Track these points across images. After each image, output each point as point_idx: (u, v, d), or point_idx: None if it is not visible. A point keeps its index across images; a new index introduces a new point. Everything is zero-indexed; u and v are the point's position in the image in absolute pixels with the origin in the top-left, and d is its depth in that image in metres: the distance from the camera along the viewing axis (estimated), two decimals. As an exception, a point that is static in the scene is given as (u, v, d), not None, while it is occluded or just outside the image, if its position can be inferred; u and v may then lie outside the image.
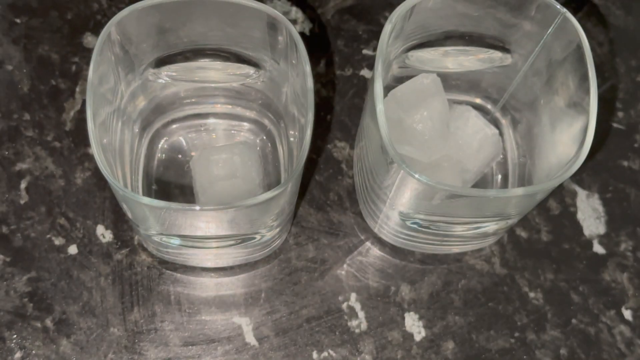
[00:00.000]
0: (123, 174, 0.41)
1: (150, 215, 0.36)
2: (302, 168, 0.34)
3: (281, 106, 0.42)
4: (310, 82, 0.35)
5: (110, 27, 0.36)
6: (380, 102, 0.35)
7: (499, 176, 0.45)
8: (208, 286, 0.44)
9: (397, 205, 0.39)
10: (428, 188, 0.35)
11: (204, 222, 0.37)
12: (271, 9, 0.36)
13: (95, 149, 0.34)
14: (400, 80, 0.43)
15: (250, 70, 0.41)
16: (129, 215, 0.38)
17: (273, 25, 0.36)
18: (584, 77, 0.35)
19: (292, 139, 0.41)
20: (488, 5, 0.37)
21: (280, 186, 0.34)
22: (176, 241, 0.40)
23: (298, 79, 0.37)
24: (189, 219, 0.36)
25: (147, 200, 0.33)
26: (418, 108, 0.42)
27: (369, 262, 0.45)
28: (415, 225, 0.41)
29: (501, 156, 0.45)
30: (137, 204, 0.34)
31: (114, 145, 0.39)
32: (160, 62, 0.40)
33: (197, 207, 0.33)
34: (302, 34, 0.49)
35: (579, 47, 0.35)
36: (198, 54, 0.40)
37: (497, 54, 0.41)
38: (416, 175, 0.34)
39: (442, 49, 0.41)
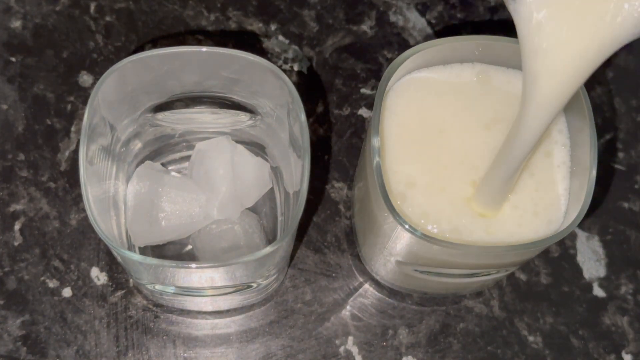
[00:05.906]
0: (117, 218, 0.40)
1: (144, 269, 0.35)
2: (297, 225, 0.34)
3: (277, 151, 0.42)
4: (306, 137, 0.35)
5: (108, 77, 0.35)
6: (377, 156, 0.34)
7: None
8: (203, 328, 0.44)
9: (394, 254, 0.39)
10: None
11: (200, 276, 0.36)
12: (266, 61, 0.35)
13: (87, 207, 0.33)
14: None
15: (246, 116, 0.40)
16: (123, 266, 0.38)
17: (269, 75, 0.36)
18: (585, 133, 0.35)
19: (287, 182, 0.41)
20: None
21: (276, 242, 0.33)
22: (171, 289, 0.39)
23: (294, 126, 0.37)
24: (184, 274, 0.36)
25: (139, 257, 0.33)
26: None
27: (366, 304, 0.45)
28: (414, 273, 0.40)
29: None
30: (130, 260, 0.34)
31: (108, 188, 0.39)
32: (157, 108, 0.40)
33: (194, 265, 0.33)
34: (299, 73, 0.49)
35: (580, 103, 0.35)
36: (194, 100, 0.40)
37: None
38: (416, 232, 0.33)
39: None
